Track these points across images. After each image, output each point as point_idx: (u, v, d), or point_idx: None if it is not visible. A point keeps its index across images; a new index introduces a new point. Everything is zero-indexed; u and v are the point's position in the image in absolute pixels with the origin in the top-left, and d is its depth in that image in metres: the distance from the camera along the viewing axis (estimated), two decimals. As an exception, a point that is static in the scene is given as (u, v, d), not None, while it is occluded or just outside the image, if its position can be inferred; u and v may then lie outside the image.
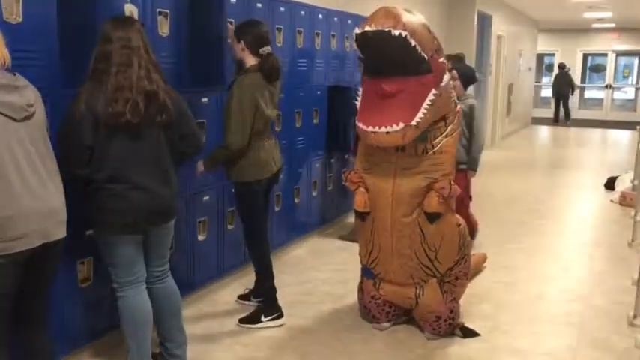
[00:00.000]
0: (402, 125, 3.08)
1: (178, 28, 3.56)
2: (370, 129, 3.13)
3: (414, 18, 3.12)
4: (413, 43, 3.01)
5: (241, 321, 3.59)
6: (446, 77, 3.26)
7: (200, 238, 3.82)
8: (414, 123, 3.10)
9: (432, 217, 3.26)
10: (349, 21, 5.57)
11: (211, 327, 3.55)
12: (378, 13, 3.05)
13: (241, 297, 3.94)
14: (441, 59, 3.25)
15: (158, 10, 3.38)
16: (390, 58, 3.11)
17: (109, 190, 2.60)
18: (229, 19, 3.80)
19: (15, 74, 2.22)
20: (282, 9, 4.50)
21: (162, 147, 2.72)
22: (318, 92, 5.16)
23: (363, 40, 3.08)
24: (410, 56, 3.07)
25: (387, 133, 3.09)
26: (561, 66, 16.93)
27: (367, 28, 3.02)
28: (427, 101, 3.13)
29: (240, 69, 3.48)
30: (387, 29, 2.97)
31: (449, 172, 3.31)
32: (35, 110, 2.22)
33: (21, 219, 2.10)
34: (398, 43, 2.99)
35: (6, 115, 2.10)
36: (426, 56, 3.10)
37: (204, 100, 3.73)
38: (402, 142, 3.16)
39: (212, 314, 3.72)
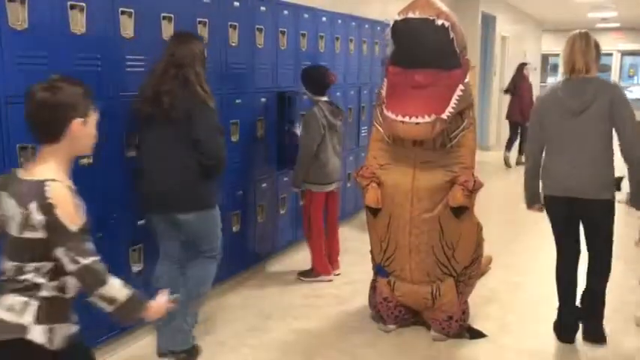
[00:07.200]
0: (433, 117, 3.05)
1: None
2: (400, 118, 3.08)
3: (452, 12, 3.13)
4: (452, 35, 3.02)
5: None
6: (469, 74, 3.27)
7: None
8: (444, 116, 3.08)
9: (458, 212, 3.21)
10: (353, 23, 5.58)
11: (219, 329, 3.56)
12: (419, 1, 3.03)
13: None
14: (467, 57, 3.26)
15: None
16: (428, 47, 3.08)
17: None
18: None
19: None
20: (285, 12, 4.51)
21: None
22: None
23: (404, 26, 3.04)
24: (446, 48, 3.07)
25: (417, 124, 3.04)
26: None
27: (410, 15, 2.99)
28: (456, 96, 3.13)
29: None
30: (431, 18, 2.96)
31: (469, 166, 3.27)
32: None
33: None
34: (439, 33, 2.99)
35: None
36: (458, 51, 3.11)
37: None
38: (430, 135, 3.12)
39: (220, 317, 3.73)
